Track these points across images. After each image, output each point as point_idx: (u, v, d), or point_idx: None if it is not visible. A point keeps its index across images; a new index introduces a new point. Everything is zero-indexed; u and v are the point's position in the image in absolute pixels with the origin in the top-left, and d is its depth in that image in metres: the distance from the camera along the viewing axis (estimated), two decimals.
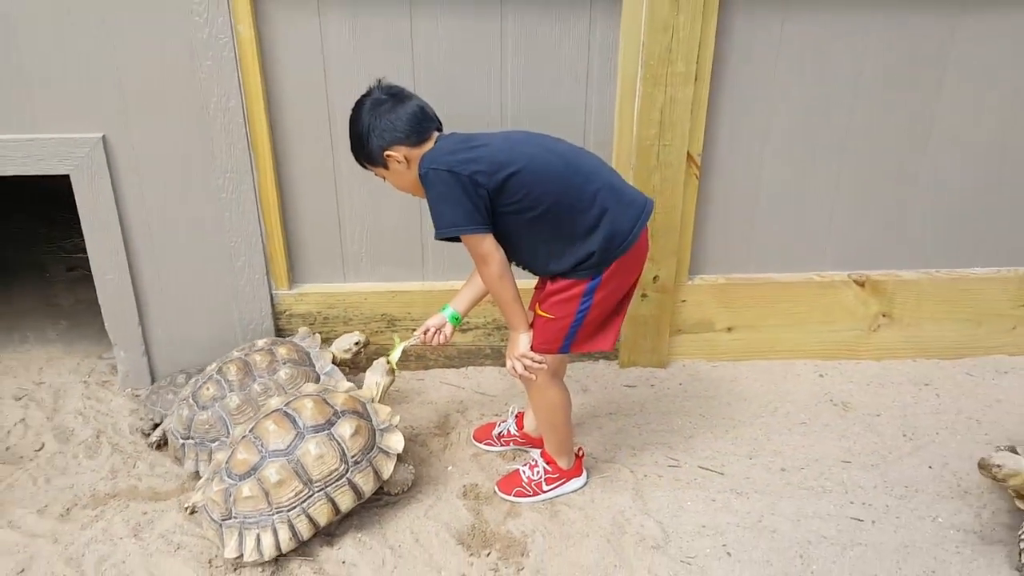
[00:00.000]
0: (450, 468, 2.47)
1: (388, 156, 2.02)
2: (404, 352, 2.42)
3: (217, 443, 2.35)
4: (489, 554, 2.15)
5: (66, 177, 2.48)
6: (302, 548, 2.15)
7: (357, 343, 2.65)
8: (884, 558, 2.12)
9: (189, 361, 2.77)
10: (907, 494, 2.34)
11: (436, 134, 2.05)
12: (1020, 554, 2.07)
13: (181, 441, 2.44)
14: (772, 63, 2.57)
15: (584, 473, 2.38)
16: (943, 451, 2.50)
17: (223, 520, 2.11)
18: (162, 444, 2.55)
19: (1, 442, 2.55)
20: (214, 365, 2.53)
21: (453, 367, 2.94)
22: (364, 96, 2.05)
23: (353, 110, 2.06)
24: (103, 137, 2.46)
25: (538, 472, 2.33)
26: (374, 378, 2.41)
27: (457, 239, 2.02)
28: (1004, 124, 2.69)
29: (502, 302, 2.10)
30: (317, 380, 2.52)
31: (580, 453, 2.37)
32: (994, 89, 2.64)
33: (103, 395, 2.79)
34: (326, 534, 2.21)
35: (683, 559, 2.13)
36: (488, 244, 2.00)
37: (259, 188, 2.59)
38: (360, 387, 2.40)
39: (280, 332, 2.81)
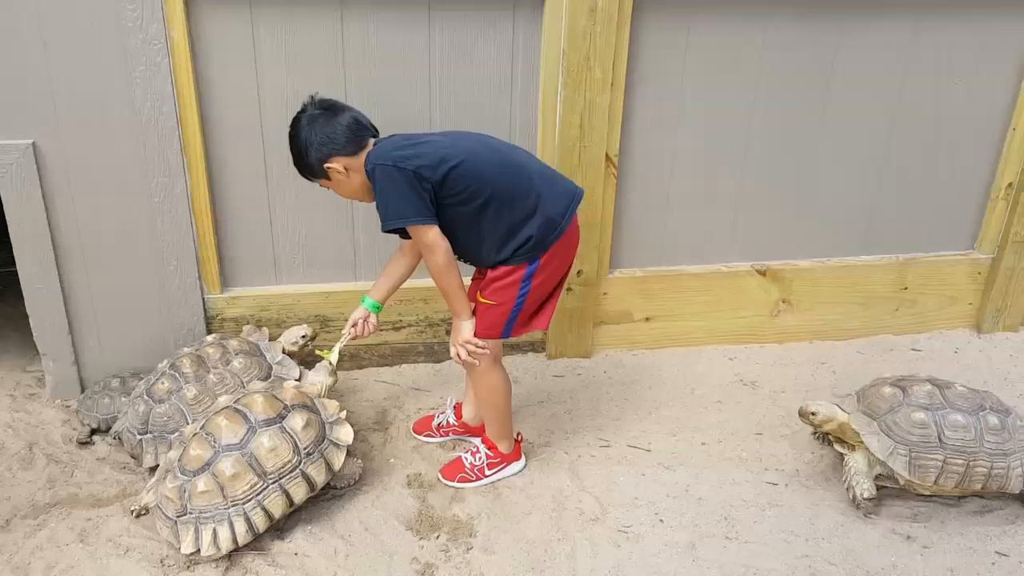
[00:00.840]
0: (392, 460, 2.56)
1: (328, 168, 2.14)
2: (340, 352, 2.50)
3: (177, 434, 2.37)
4: (438, 536, 2.26)
5: None
6: (255, 543, 2.20)
7: (304, 336, 2.71)
8: (798, 515, 2.34)
9: (120, 368, 2.77)
10: (813, 460, 2.58)
11: (372, 141, 2.17)
12: (849, 491, 2.32)
13: (138, 437, 2.45)
14: (680, 69, 2.79)
15: (523, 457, 2.52)
16: None
17: (178, 516, 2.14)
18: (109, 442, 2.54)
19: None
20: (165, 362, 2.55)
21: (387, 365, 3.03)
22: (300, 112, 2.17)
23: (291, 127, 2.17)
24: (33, 144, 2.44)
25: (480, 458, 2.45)
26: (318, 377, 2.48)
27: (402, 232, 2.14)
28: (886, 127, 2.99)
29: (447, 290, 2.22)
30: (270, 370, 2.58)
31: (519, 438, 2.51)
32: (878, 93, 2.93)
33: (32, 407, 2.75)
34: (276, 528, 2.26)
35: (620, 528, 2.29)
36: (434, 234, 2.12)
37: (191, 192, 2.62)
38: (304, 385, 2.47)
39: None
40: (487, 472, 2.45)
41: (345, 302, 2.87)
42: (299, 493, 2.21)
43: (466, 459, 2.46)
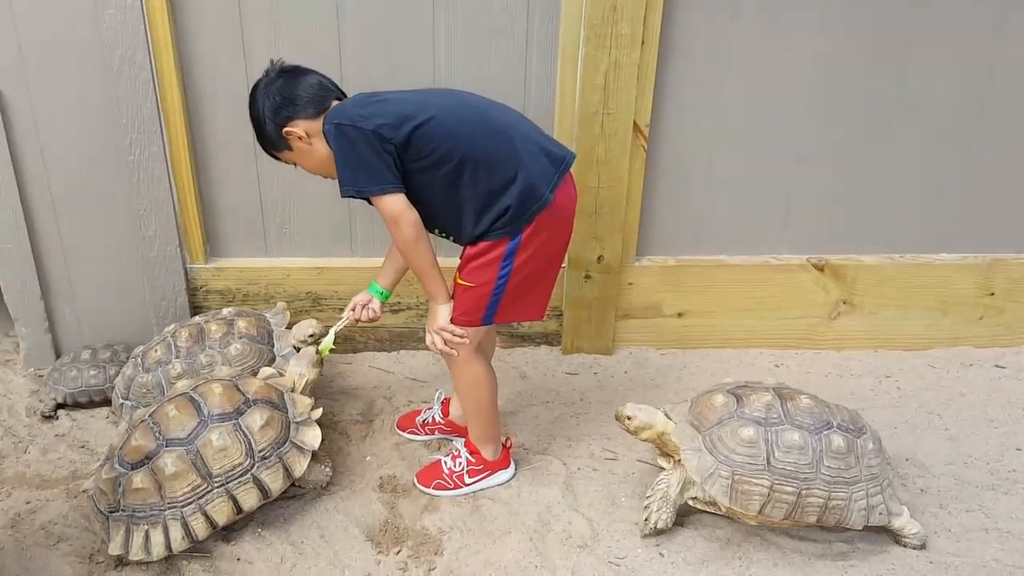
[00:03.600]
0: (368, 458, 2.28)
1: (288, 134, 1.89)
2: (336, 336, 2.23)
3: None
4: (399, 552, 1.97)
5: None
6: (195, 545, 1.95)
7: (311, 335, 2.37)
8: (830, 560, 1.95)
9: (98, 338, 2.58)
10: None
11: (336, 102, 1.91)
12: (646, 513, 1.97)
13: (120, 400, 2.30)
14: (726, 28, 2.39)
15: (511, 466, 2.20)
16: (899, 445, 2.32)
17: (110, 512, 1.91)
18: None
19: None
20: (172, 327, 2.37)
21: (384, 350, 2.75)
22: (259, 80, 1.92)
23: (250, 96, 1.93)
24: None
25: (460, 463, 2.14)
26: (298, 368, 2.20)
27: (367, 200, 1.85)
28: (974, 102, 2.52)
29: (418, 269, 1.93)
30: (272, 361, 2.32)
31: (508, 444, 2.19)
32: (966, 61, 2.47)
33: (3, 374, 2.59)
34: (224, 528, 2.02)
35: (611, 559, 1.95)
36: (398, 204, 1.83)
37: (170, 151, 2.39)
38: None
39: (197, 310, 2.61)
40: (467, 480, 2.14)
41: (339, 279, 2.61)
42: (249, 500, 1.95)
43: (446, 463, 2.16)
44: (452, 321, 1.96)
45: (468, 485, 2.13)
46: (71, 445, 2.32)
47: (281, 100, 1.87)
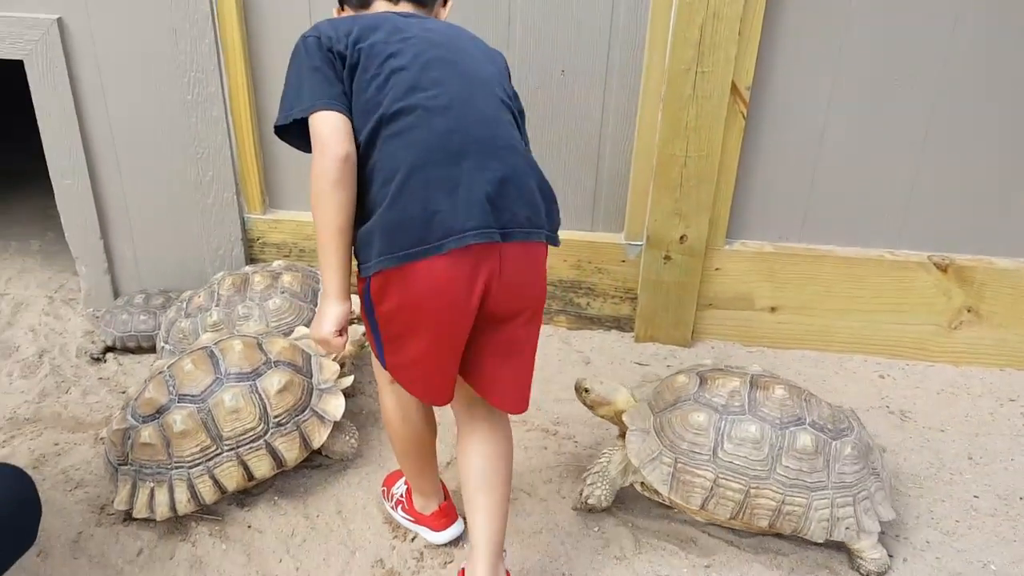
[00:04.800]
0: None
1: (335, 14, 1.57)
2: None
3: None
4: (415, 539, 1.78)
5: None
6: (211, 504, 1.84)
7: (355, 312, 2.20)
8: None
9: (155, 283, 2.52)
10: (956, 528, 1.83)
11: (383, 5, 1.48)
12: (583, 491, 1.81)
13: (162, 344, 2.24)
14: None
15: (448, 531, 1.74)
16: (1013, 481, 1.95)
17: (119, 464, 1.81)
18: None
19: None
20: (221, 274, 2.29)
21: None
22: None
23: None
24: (59, 20, 2.19)
25: (399, 488, 1.81)
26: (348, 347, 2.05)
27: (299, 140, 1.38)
28: None
29: (317, 231, 1.34)
30: (310, 321, 2.20)
31: (442, 506, 1.74)
32: None
33: (63, 313, 2.57)
34: (241, 492, 1.89)
35: None
36: (329, 122, 1.31)
37: (229, 93, 2.28)
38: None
39: (252, 261, 2.51)
40: (400, 512, 1.80)
41: None
42: (261, 468, 1.81)
43: (397, 482, 1.82)
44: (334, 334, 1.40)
45: (403, 518, 1.80)
46: (112, 390, 2.26)
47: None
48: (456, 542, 1.76)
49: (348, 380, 1.97)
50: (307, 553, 1.75)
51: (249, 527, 1.82)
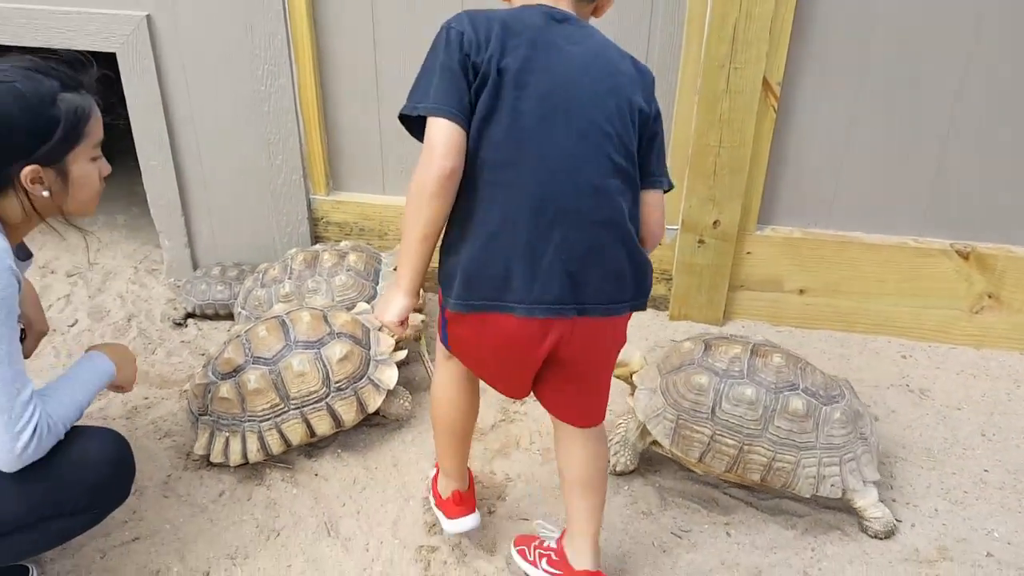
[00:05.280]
0: None
1: None
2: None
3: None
4: None
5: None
6: (282, 454, 2.07)
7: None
8: (913, 564, 1.78)
9: (229, 256, 2.76)
10: (964, 499, 1.97)
11: None
12: (612, 458, 1.98)
13: (239, 309, 2.47)
14: None
15: (460, 521, 1.76)
16: (1021, 458, 2.09)
17: (199, 415, 2.06)
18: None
19: None
20: (294, 250, 2.51)
21: None
22: None
23: None
24: (148, 16, 2.42)
25: (432, 472, 1.91)
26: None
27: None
28: None
29: (404, 231, 1.39)
30: (371, 299, 2.41)
31: (460, 493, 1.77)
32: None
33: (147, 281, 2.83)
34: (309, 444, 2.12)
35: (675, 531, 1.88)
36: (442, 132, 1.32)
37: (298, 84, 2.49)
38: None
39: (317, 239, 2.73)
40: (429, 496, 1.90)
41: None
42: (322, 426, 2.03)
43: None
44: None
45: (427, 499, 1.92)
46: (193, 352, 2.51)
47: None
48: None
49: (402, 354, 2.17)
50: (367, 499, 1.97)
51: (316, 475, 2.05)
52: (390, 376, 2.12)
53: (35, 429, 1.44)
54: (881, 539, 1.85)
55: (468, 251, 1.36)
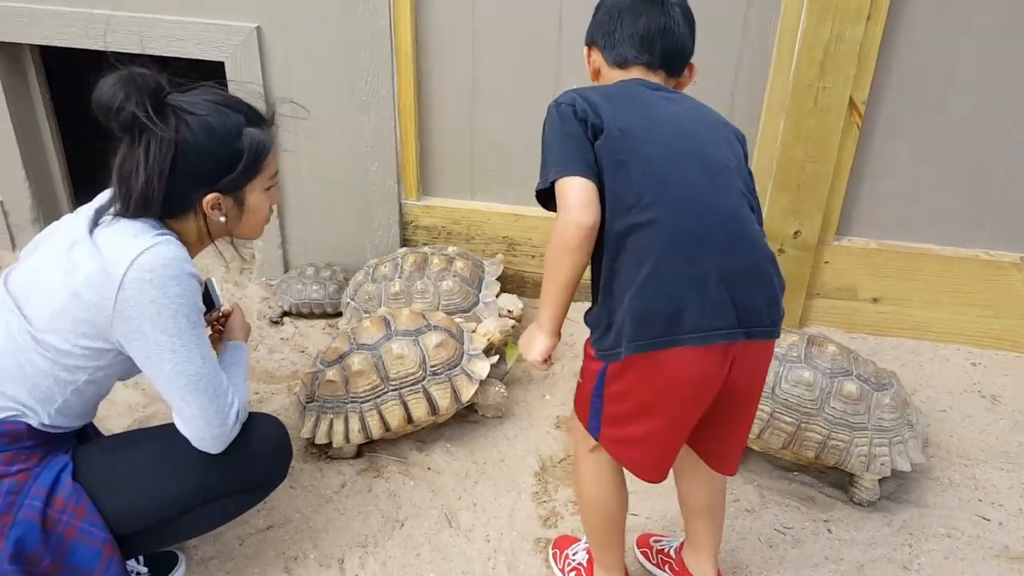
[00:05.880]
0: (547, 397, 2.43)
1: (586, 51, 1.62)
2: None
3: (368, 315, 2.45)
4: (571, 486, 2.11)
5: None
6: (394, 449, 2.19)
7: (510, 311, 2.51)
8: (1006, 561, 1.90)
9: (320, 257, 2.87)
10: None
11: (639, 71, 1.53)
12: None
13: (348, 301, 2.61)
14: (963, 5, 2.28)
15: None
16: None
17: (307, 402, 2.18)
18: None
19: None
20: (404, 250, 2.64)
21: None
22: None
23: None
24: (258, 28, 2.53)
25: (576, 551, 1.86)
26: (490, 326, 2.36)
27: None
28: None
29: (546, 281, 1.45)
30: (475, 305, 2.53)
31: None
32: None
33: (240, 280, 2.94)
34: (419, 440, 2.24)
35: (778, 527, 2.00)
36: (575, 188, 1.37)
37: (398, 94, 2.60)
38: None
39: (405, 242, 2.84)
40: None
41: (535, 227, 2.75)
42: (418, 410, 2.14)
43: (573, 546, 1.89)
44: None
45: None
46: (293, 348, 2.62)
47: (603, 19, 1.56)
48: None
49: (493, 359, 2.27)
50: (481, 492, 2.09)
51: (429, 468, 2.16)
52: (482, 367, 2.23)
53: (237, 413, 1.58)
54: (864, 508, 2.04)
55: (631, 296, 1.37)
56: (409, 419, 2.15)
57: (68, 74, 2.71)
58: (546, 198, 1.46)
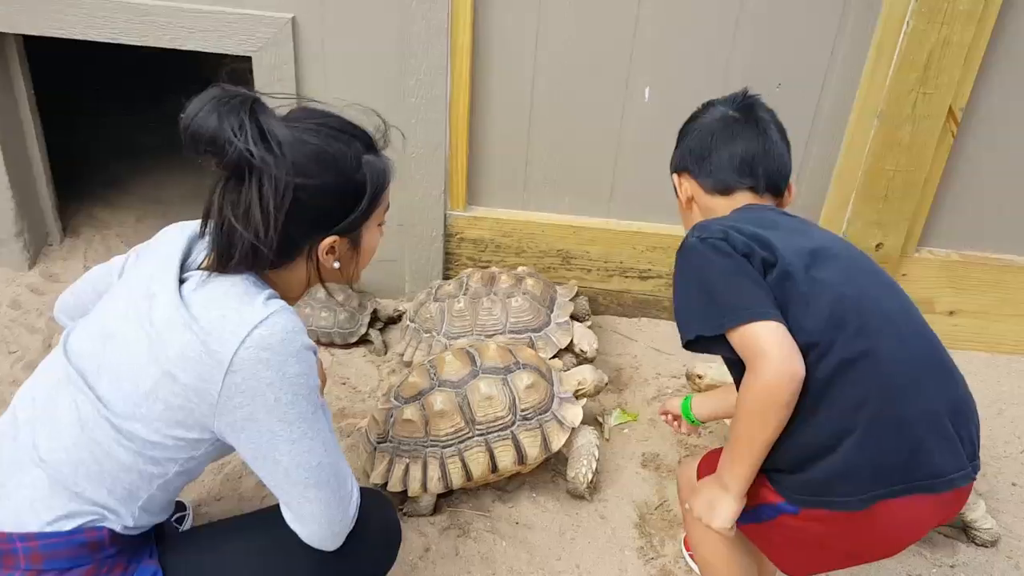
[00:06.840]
0: (626, 431, 2.23)
1: (675, 179, 1.58)
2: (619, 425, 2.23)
3: (429, 335, 2.25)
4: (684, 536, 1.92)
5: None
6: (475, 501, 1.96)
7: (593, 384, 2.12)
8: None
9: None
10: None
11: (746, 196, 1.48)
12: None
13: (408, 323, 2.39)
14: None
15: None
16: None
17: (379, 442, 1.94)
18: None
19: None
20: (470, 270, 2.43)
21: (625, 315, 2.67)
22: (716, 101, 1.57)
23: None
24: (293, 19, 2.22)
25: None
26: (583, 376, 2.07)
27: (715, 345, 1.31)
28: None
29: (740, 439, 1.30)
30: (546, 325, 2.28)
31: None
32: None
33: None
34: (498, 488, 2.02)
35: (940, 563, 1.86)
36: (774, 336, 1.23)
37: (451, 97, 2.33)
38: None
39: (449, 256, 2.58)
40: None
41: (593, 239, 2.53)
42: (504, 459, 1.90)
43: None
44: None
45: None
46: (334, 381, 2.35)
47: (694, 144, 1.52)
48: None
49: (583, 401, 2.03)
50: (582, 551, 1.89)
51: (517, 523, 1.95)
52: (575, 414, 2.01)
53: (356, 502, 1.35)
54: (988, 547, 1.94)
55: (850, 447, 1.23)
56: (494, 468, 1.92)
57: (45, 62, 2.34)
58: (700, 344, 1.33)
